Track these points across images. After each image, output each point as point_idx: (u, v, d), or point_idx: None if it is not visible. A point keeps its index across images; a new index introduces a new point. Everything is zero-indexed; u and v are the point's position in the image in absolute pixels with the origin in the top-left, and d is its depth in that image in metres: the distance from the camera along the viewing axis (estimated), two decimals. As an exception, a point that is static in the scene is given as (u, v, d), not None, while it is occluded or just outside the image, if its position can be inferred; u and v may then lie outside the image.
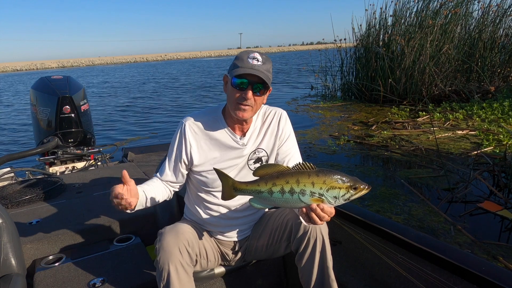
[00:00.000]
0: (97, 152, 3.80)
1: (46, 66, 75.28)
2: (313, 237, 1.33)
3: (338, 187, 1.05)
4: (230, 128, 1.42)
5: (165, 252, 1.25)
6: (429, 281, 1.29)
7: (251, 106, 1.30)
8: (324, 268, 1.35)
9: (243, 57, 1.28)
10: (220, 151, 1.42)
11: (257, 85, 1.28)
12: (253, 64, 1.26)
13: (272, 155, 1.48)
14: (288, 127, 1.49)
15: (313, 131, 6.22)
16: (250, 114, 1.33)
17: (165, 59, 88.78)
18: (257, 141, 1.45)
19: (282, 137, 1.47)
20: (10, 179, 2.98)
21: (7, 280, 1.41)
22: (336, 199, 1.07)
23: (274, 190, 1.09)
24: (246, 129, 1.43)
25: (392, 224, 1.48)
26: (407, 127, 5.93)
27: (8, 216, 1.54)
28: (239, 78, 1.27)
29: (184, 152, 1.42)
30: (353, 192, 1.05)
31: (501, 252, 2.41)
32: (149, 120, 9.19)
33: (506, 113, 5.94)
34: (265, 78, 1.26)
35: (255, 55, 1.28)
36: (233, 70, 1.28)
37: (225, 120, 1.42)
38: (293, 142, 1.51)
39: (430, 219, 2.89)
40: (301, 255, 1.37)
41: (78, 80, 4.02)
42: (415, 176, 3.83)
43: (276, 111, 1.49)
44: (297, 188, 1.06)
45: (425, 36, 7.78)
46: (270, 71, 1.31)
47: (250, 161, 1.45)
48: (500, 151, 4.24)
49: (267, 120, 1.47)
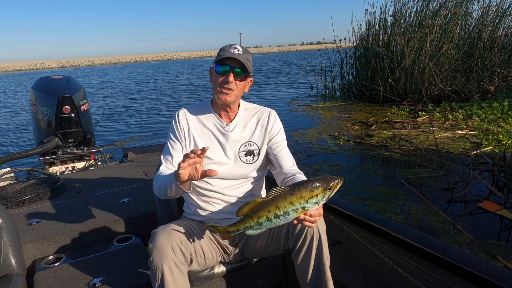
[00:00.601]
0: (97, 152, 3.80)
1: (46, 66, 75.25)
2: (309, 233, 1.35)
3: (314, 195, 1.12)
4: (217, 114, 1.53)
5: (158, 252, 1.25)
6: (428, 281, 1.30)
7: (233, 90, 1.41)
8: (320, 265, 1.36)
9: (225, 48, 1.42)
10: (209, 136, 1.53)
11: (238, 70, 1.40)
12: (234, 53, 1.39)
13: (263, 148, 1.55)
14: (278, 123, 1.59)
15: (313, 131, 6.22)
16: (233, 98, 1.44)
17: (165, 59, 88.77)
18: (245, 133, 1.54)
19: (272, 131, 1.56)
20: (10, 179, 2.99)
21: (7, 280, 1.42)
22: (318, 204, 1.14)
23: (261, 221, 1.17)
24: (232, 117, 1.54)
25: (392, 224, 1.48)
26: (406, 127, 5.93)
27: (8, 216, 1.54)
28: (221, 65, 1.40)
29: (181, 135, 1.52)
30: (329, 191, 1.13)
31: (500, 252, 2.41)
32: (149, 120, 9.19)
33: (505, 113, 5.95)
34: (245, 64, 1.38)
35: (236, 46, 1.42)
36: (216, 59, 1.42)
37: (212, 108, 1.55)
38: (283, 136, 1.60)
39: (429, 219, 2.89)
40: (298, 251, 1.38)
41: (78, 80, 4.02)
42: (414, 175, 3.83)
43: (266, 109, 1.60)
44: (280, 212, 1.13)
45: (424, 36, 7.78)
46: (250, 61, 1.43)
47: (242, 153, 1.52)
48: (499, 151, 4.25)
49: (257, 115, 1.58)
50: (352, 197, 3.38)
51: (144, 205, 2.20)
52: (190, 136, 1.52)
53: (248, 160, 1.52)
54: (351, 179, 3.86)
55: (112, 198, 2.37)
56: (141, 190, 2.49)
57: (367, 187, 3.63)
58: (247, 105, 1.60)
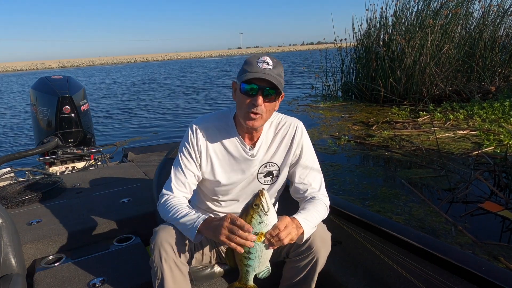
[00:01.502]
0: (97, 152, 3.80)
1: (46, 66, 75.33)
2: (310, 251, 1.30)
3: (251, 218, 1.10)
4: (241, 137, 1.35)
5: (160, 251, 1.23)
6: (429, 281, 1.29)
7: (261, 114, 1.21)
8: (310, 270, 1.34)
9: (252, 61, 1.20)
10: (229, 161, 1.36)
11: (268, 91, 1.20)
12: (263, 68, 1.18)
13: (284, 169, 1.40)
14: (304, 140, 1.40)
15: (314, 131, 6.21)
16: (261, 123, 1.25)
17: (165, 59, 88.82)
18: (268, 154, 1.38)
19: (297, 151, 1.39)
20: (10, 179, 2.99)
21: (7, 280, 1.41)
22: (263, 222, 1.11)
23: (246, 263, 1.18)
24: (256, 138, 1.36)
25: (393, 224, 1.47)
26: (407, 127, 5.92)
27: (8, 216, 1.54)
28: (248, 83, 1.19)
29: (196, 154, 1.36)
30: (257, 207, 1.10)
31: (502, 253, 2.40)
32: (149, 120, 9.19)
33: (506, 113, 5.94)
34: (276, 83, 1.18)
35: (265, 58, 1.20)
36: (242, 76, 1.20)
37: (236, 128, 1.35)
38: (311, 157, 1.41)
39: (430, 220, 2.89)
40: (291, 261, 1.37)
41: (78, 80, 4.02)
42: (415, 176, 3.82)
43: (292, 122, 1.40)
44: (247, 248, 1.12)
45: (425, 36, 7.77)
46: (281, 76, 1.23)
47: (260, 175, 1.39)
48: (501, 151, 4.24)
49: (281, 131, 1.39)
50: (353, 197, 3.38)
51: (144, 205, 2.20)
52: (208, 157, 1.35)
53: (266, 181, 1.40)
54: (352, 180, 3.86)
55: (112, 198, 2.37)
56: (141, 190, 2.49)
57: (368, 187, 3.62)
58: (271, 119, 1.39)
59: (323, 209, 1.32)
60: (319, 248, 1.28)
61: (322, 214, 1.31)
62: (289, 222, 1.14)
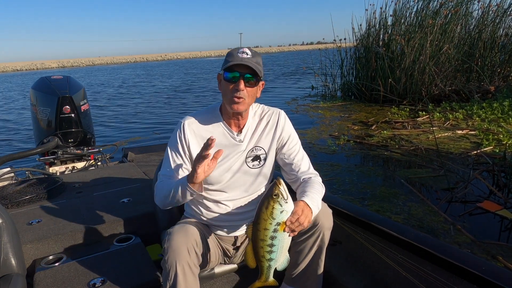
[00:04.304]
0: (97, 152, 3.80)
1: (46, 66, 75.27)
2: (314, 229, 1.36)
3: (272, 208, 1.12)
4: (227, 124, 1.45)
5: (174, 252, 1.25)
6: (429, 281, 1.29)
7: (244, 97, 1.33)
8: (314, 263, 1.38)
9: (233, 53, 1.33)
10: (218, 148, 1.43)
11: (248, 76, 1.32)
12: (243, 57, 1.30)
13: (271, 153, 1.49)
14: (287, 125, 1.51)
15: (313, 131, 6.22)
16: (245, 107, 1.36)
17: (165, 59, 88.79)
18: (254, 138, 1.47)
19: (282, 136, 1.49)
20: (10, 179, 2.99)
21: (7, 280, 1.42)
22: (284, 211, 1.14)
23: (268, 257, 1.19)
24: (242, 125, 1.46)
25: (392, 224, 1.48)
26: (407, 127, 5.93)
27: (8, 216, 1.54)
28: (230, 71, 1.31)
29: (184, 149, 1.43)
30: (277, 197, 1.12)
31: (500, 252, 2.41)
32: (149, 120, 9.18)
33: (506, 113, 5.95)
34: (255, 69, 1.30)
35: (244, 49, 1.33)
36: (225, 65, 1.33)
37: (222, 117, 1.46)
38: (295, 140, 1.52)
39: (429, 219, 2.89)
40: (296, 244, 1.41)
41: (78, 80, 4.02)
42: (414, 175, 3.83)
43: (274, 111, 1.52)
44: (267, 241, 1.15)
45: (425, 36, 7.78)
46: (260, 64, 1.34)
47: (248, 159, 1.47)
48: (499, 151, 4.25)
49: (265, 118, 1.50)
50: (352, 197, 3.38)
51: (144, 205, 2.20)
52: (197, 148, 1.41)
53: (254, 165, 1.47)
54: (351, 179, 3.86)
55: (112, 198, 2.37)
56: (141, 190, 2.49)
57: (367, 187, 3.63)
58: (255, 108, 1.52)
59: (320, 188, 1.40)
60: (323, 223, 1.36)
61: (322, 192, 1.39)
62: (304, 205, 1.20)
